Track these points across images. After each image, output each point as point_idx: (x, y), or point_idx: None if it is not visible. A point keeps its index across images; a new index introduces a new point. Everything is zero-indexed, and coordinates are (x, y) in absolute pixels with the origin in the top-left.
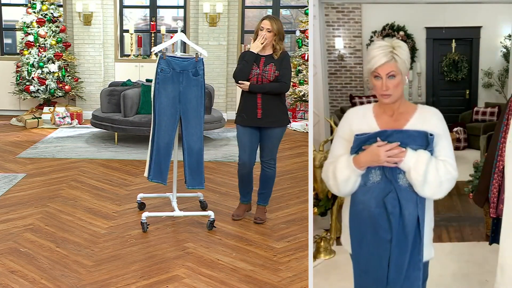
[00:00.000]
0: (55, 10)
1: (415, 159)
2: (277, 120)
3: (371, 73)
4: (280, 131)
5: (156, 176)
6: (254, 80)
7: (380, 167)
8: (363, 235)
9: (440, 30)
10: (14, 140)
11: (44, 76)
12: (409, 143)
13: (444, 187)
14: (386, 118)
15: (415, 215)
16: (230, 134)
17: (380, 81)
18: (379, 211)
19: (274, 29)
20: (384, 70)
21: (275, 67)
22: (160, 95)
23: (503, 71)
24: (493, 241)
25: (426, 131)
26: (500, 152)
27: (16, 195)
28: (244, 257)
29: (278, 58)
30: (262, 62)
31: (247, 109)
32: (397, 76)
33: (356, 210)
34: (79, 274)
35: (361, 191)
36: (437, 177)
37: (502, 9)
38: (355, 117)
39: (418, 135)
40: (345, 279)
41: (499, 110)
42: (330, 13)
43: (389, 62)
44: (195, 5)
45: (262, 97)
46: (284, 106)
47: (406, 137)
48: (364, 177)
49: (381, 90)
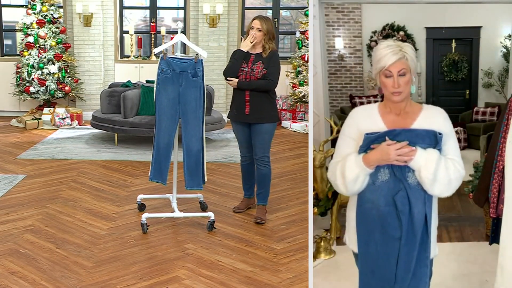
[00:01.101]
0: (55, 11)
1: (425, 157)
2: (264, 116)
3: (381, 72)
4: (269, 127)
5: (156, 176)
6: (243, 78)
7: (388, 166)
8: (371, 234)
9: (440, 30)
10: (14, 141)
11: (44, 77)
12: (417, 142)
13: (453, 185)
14: (392, 117)
15: (423, 213)
16: (230, 135)
17: (391, 79)
18: (388, 209)
19: (264, 29)
20: (396, 68)
21: (263, 65)
22: (160, 95)
23: (503, 71)
24: (493, 241)
25: (434, 130)
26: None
27: (16, 196)
28: (244, 258)
29: (267, 57)
30: (251, 60)
31: (236, 105)
32: (407, 74)
33: (364, 209)
34: (79, 275)
35: (370, 190)
36: (446, 175)
37: (502, 9)
38: (361, 116)
39: (427, 134)
40: (345, 279)
41: (499, 110)
42: (330, 13)
43: (401, 60)
44: (195, 6)
45: (250, 93)
46: (272, 103)
47: (414, 136)
48: (373, 176)
49: (392, 88)
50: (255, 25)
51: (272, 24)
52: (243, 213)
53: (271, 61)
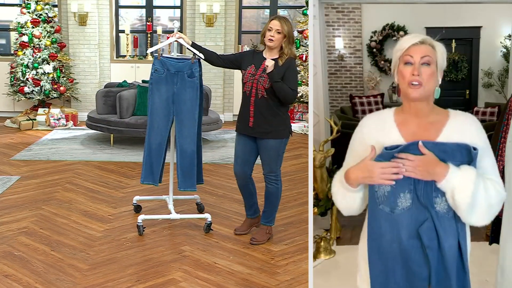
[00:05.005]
0: (49, 10)
1: (461, 177)
2: (270, 131)
3: (400, 59)
4: (275, 144)
5: (147, 178)
6: (249, 85)
7: (410, 188)
8: (390, 273)
9: (440, 30)
10: (8, 142)
11: (38, 77)
12: (446, 159)
13: (493, 211)
14: (413, 128)
15: (456, 246)
16: (227, 135)
17: (410, 66)
18: (412, 243)
19: (285, 30)
20: (419, 52)
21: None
22: (153, 95)
23: (503, 71)
24: (493, 241)
25: (467, 144)
26: (500, 152)
27: (10, 197)
28: (241, 260)
29: (283, 65)
30: (263, 65)
31: (241, 116)
32: (432, 65)
33: (381, 243)
34: (74, 278)
35: (387, 220)
36: (486, 199)
37: (502, 9)
38: (373, 126)
39: (458, 149)
40: (345, 279)
41: (499, 110)
42: (330, 13)
43: (425, 44)
44: (192, 5)
45: (256, 104)
46: (281, 117)
47: (442, 152)
48: (391, 202)
49: (411, 76)
50: (274, 26)
51: (292, 26)
52: (241, 216)
53: (289, 71)
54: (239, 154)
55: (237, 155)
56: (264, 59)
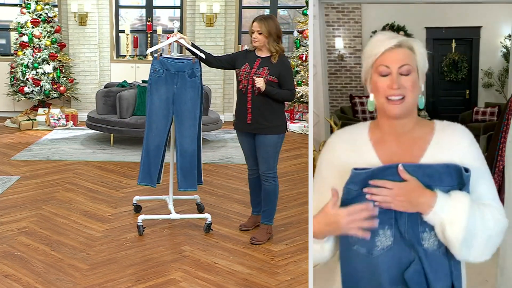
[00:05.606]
0: (49, 10)
1: (451, 207)
2: (268, 126)
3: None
4: (273, 139)
5: (144, 179)
6: (245, 82)
7: (391, 223)
8: None
9: (440, 30)
10: (8, 142)
11: (38, 77)
12: (432, 185)
13: (493, 243)
14: (392, 147)
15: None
16: (227, 135)
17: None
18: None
19: (264, 31)
20: (396, 60)
21: (268, 71)
22: (152, 96)
23: (503, 71)
24: None
25: (457, 164)
26: (500, 152)
27: (10, 197)
28: (241, 260)
29: (277, 63)
30: (257, 63)
31: (238, 114)
32: (412, 73)
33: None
34: (74, 278)
35: (364, 263)
36: (484, 231)
37: (502, 9)
38: (342, 146)
39: (447, 171)
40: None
41: (499, 110)
42: (330, 13)
43: (402, 48)
44: (192, 5)
45: (252, 101)
46: (277, 112)
47: (427, 176)
48: (368, 241)
49: (389, 89)
50: (254, 28)
51: (275, 23)
52: (241, 216)
53: (284, 68)
54: (247, 152)
55: (246, 151)
56: (257, 57)
